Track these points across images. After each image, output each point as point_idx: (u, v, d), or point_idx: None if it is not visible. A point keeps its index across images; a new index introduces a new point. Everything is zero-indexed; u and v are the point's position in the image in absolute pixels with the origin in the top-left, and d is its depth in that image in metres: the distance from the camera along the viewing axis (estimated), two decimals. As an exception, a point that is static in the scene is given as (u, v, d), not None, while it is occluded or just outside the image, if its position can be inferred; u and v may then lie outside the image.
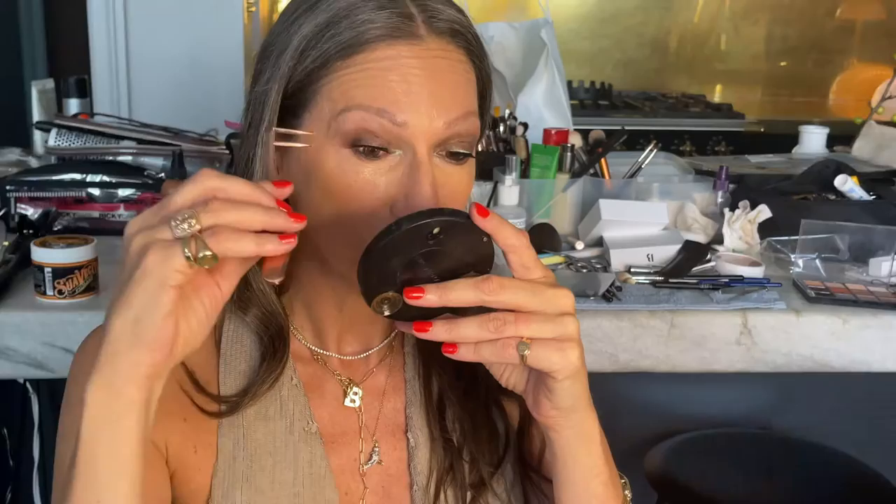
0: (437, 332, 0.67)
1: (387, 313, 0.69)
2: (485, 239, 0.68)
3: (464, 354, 0.68)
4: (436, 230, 0.65)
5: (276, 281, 0.68)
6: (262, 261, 0.67)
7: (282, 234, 0.64)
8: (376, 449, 0.86)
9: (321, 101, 0.74)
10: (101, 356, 0.62)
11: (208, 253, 0.61)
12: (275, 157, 0.78)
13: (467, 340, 0.67)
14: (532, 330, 0.67)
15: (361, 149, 0.73)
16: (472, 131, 0.76)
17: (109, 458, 0.63)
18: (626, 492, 0.83)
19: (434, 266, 0.68)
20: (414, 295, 0.66)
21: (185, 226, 0.61)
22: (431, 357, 0.88)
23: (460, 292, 0.66)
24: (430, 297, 0.66)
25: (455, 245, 0.67)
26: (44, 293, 1.32)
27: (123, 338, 0.62)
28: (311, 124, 0.75)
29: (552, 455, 0.76)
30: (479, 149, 0.85)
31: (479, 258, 0.69)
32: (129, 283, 0.61)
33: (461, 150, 0.76)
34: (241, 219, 0.63)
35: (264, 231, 0.64)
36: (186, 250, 0.61)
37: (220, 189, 0.63)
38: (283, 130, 0.76)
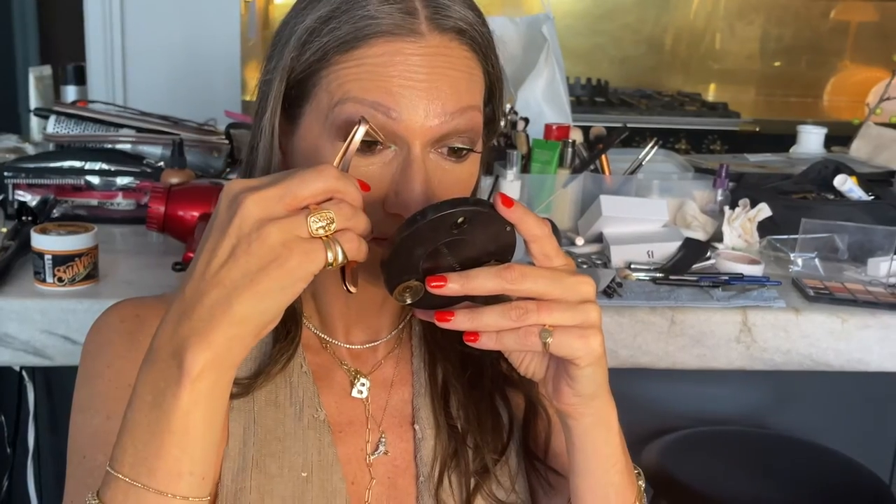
0: (460, 321, 0.67)
1: (408, 301, 0.69)
2: (507, 228, 0.68)
3: (485, 343, 0.68)
4: (460, 220, 0.65)
5: (354, 289, 0.68)
6: (342, 268, 0.68)
7: None
8: (383, 439, 0.86)
9: (320, 93, 0.74)
10: (215, 335, 0.60)
11: (342, 258, 0.62)
12: (278, 145, 0.78)
13: (489, 329, 0.67)
14: (554, 318, 0.67)
15: None
16: (471, 126, 0.75)
17: (208, 432, 0.63)
18: (640, 482, 0.83)
19: (456, 255, 0.67)
20: (436, 284, 0.66)
21: (324, 225, 0.61)
22: (437, 346, 0.88)
23: (482, 281, 0.66)
24: (453, 285, 0.66)
25: (478, 234, 0.67)
26: (43, 280, 1.31)
27: (247, 324, 0.61)
28: (310, 115, 0.76)
29: (570, 444, 0.76)
30: (494, 144, 0.85)
31: (500, 247, 0.69)
32: (262, 273, 0.60)
33: (461, 146, 0.75)
34: (361, 225, 0.64)
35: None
36: (330, 255, 0.61)
37: (341, 191, 0.63)
38: None
